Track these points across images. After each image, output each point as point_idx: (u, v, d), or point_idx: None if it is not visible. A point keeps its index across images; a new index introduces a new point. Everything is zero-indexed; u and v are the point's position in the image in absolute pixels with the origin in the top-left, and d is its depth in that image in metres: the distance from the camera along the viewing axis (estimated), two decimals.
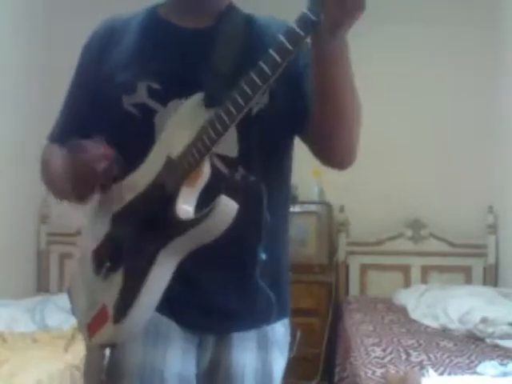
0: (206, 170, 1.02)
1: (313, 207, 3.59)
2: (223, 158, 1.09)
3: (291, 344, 1.22)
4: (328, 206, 3.62)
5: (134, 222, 1.06)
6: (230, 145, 1.08)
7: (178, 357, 1.09)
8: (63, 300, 3.16)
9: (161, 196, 1.03)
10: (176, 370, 1.08)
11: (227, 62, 1.10)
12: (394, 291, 3.50)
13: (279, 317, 1.19)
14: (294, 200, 3.62)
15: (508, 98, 3.43)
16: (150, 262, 1.00)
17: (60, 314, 3.05)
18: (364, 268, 3.74)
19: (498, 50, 3.53)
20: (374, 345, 2.56)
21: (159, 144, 1.08)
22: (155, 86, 1.10)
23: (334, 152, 1.13)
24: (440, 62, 3.67)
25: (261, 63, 0.93)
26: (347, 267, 3.75)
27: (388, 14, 3.71)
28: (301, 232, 3.55)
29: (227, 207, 0.95)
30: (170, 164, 1.03)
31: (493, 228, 3.57)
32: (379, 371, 2.20)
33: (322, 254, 3.59)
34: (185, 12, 1.18)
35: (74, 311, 1.19)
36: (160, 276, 1.01)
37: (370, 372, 2.20)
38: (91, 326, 1.09)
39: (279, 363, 1.19)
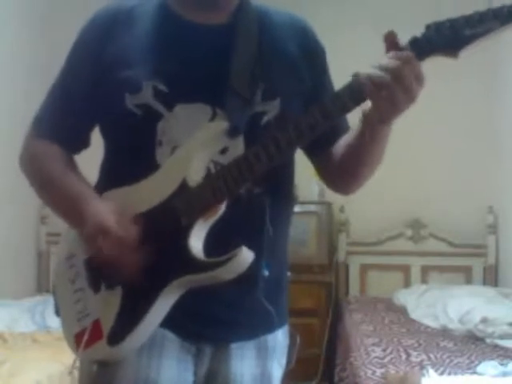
0: (223, 206, 0.99)
1: (313, 207, 3.59)
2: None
3: (291, 349, 1.20)
4: (328, 206, 3.62)
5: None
6: (235, 155, 1.01)
7: (173, 367, 1.05)
8: None
9: (172, 222, 0.98)
10: (171, 382, 1.05)
11: (245, 71, 1.04)
12: (394, 291, 3.50)
13: (279, 325, 1.16)
14: (295, 201, 3.61)
15: (508, 98, 3.43)
16: (156, 292, 0.98)
17: None
18: (364, 268, 3.74)
19: (497, 54, 3.53)
20: (374, 345, 2.56)
21: (173, 162, 1.02)
22: (162, 87, 1.03)
23: (343, 188, 1.21)
24: (439, 66, 3.67)
25: (314, 110, 0.94)
26: (347, 267, 3.74)
27: (395, 19, 3.71)
28: (301, 232, 3.54)
29: (246, 258, 0.95)
30: (185, 190, 0.99)
31: (493, 228, 3.57)
32: (379, 371, 2.20)
33: (322, 253, 3.59)
34: (198, 6, 1.09)
35: (58, 313, 1.13)
36: (164, 305, 0.99)
37: (369, 372, 2.20)
38: (79, 337, 1.04)
39: (278, 369, 1.17)
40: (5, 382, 2.18)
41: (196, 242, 0.98)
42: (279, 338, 1.16)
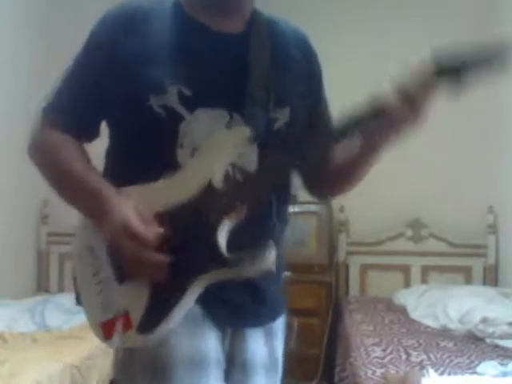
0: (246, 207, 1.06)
1: (313, 207, 3.59)
2: (241, 170, 1.09)
3: (289, 335, 1.35)
4: (328, 206, 3.62)
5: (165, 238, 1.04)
6: (250, 159, 1.09)
7: (213, 341, 1.12)
8: (63, 300, 3.19)
9: (198, 219, 1.04)
10: (214, 353, 1.12)
11: (261, 79, 1.11)
12: (394, 291, 3.50)
13: (281, 313, 1.28)
14: (294, 200, 3.61)
15: (508, 97, 3.43)
16: (185, 285, 1.04)
17: (60, 314, 3.06)
18: (364, 268, 3.74)
19: None
20: (374, 345, 2.56)
21: (197, 163, 1.07)
22: (186, 91, 1.07)
23: (326, 195, 1.34)
24: None
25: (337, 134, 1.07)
26: (347, 267, 3.74)
27: (387, 11, 3.72)
28: (301, 232, 3.54)
29: (271, 256, 1.03)
30: (211, 190, 1.04)
31: (493, 228, 3.57)
32: (379, 371, 2.20)
33: (322, 254, 3.59)
34: (216, 14, 1.14)
35: (79, 302, 1.17)
36: (192, 297, 1.05)
37: (370, 372, 2.20)
38: (107, 327, 1.09)
39: (281, 349, 1.29)
40: (5, 382, 2.18)
41: (222, 240, 1.04)
42: (281, 323, 1.29)
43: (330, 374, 3.13)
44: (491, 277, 3.54)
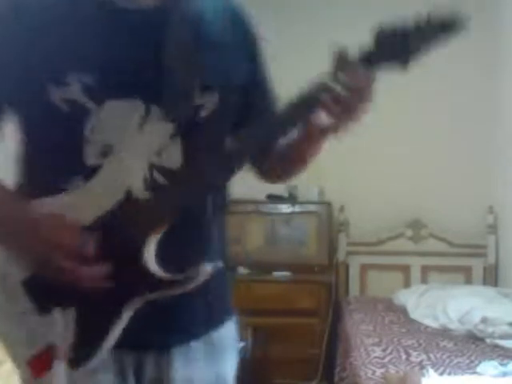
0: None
1: (313, 207, 3.59)
2: (163, 170, 0.94)
3: (246, 345, 1.17)
4: (328, 206, 3.62)
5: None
6: (172, 154, 0.94)
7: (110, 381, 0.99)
8: None
9: (122, 236, 0.91)
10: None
11: (182, 59, 0.95)
12: (394, 291, 3.50)
13: (222, 320, 1.09)
14: (294, 200, 3.63)
15: (508, 97, 3.43)
16: (118, 309, 0.93)
17: None
18: (364, 268, 3.73)
19: (497, 50, 3.52)
20: (374, 345, 2.56)
21: (110, 167, 0.93)
22: (89, 80, 0.91)
23: (278, 179, 1.21)
24: (438, 62, 3.66)
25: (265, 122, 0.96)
26: (347, 267, 3.74)
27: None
28: (301, 232, 3.55)
29: (205, 273, 0.92)
30: (131, 202, 0.91)
31: (493, 228, 3.57)
32: (379, 371, 2.20)
33: (322, 254, 3.59)
34: None
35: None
36: (124, 322, 0.94)
37: (370, 372, 2.20)
38: (33, 364, 0.99)
39: (231, 368, 1.10)
40: (5, 382, 2.18)
41: (151, 259, 0.92)
42: (227, 332, 1.09)
43: (330, 374, 3.13)
44: (491, 277, 3.54)
